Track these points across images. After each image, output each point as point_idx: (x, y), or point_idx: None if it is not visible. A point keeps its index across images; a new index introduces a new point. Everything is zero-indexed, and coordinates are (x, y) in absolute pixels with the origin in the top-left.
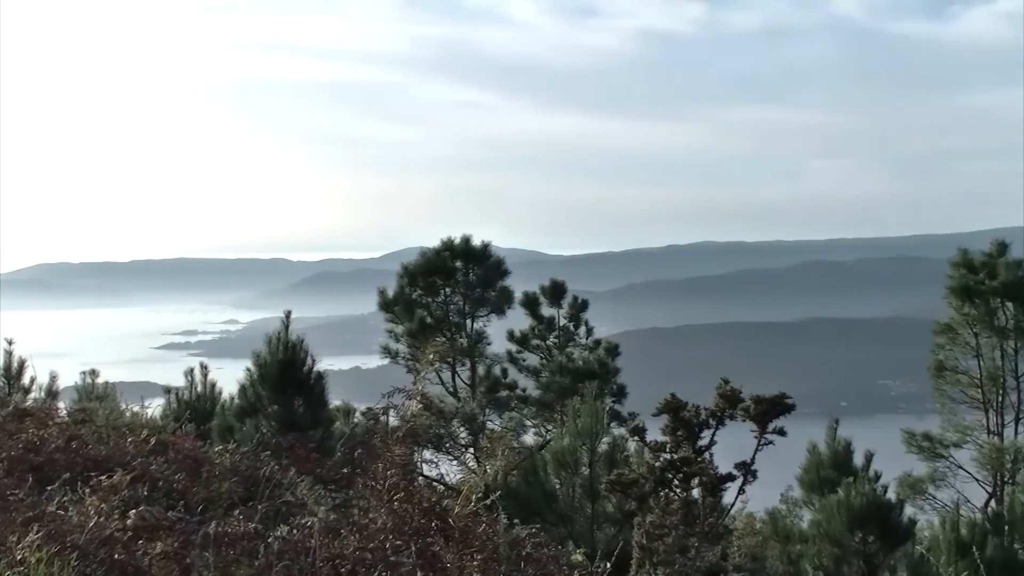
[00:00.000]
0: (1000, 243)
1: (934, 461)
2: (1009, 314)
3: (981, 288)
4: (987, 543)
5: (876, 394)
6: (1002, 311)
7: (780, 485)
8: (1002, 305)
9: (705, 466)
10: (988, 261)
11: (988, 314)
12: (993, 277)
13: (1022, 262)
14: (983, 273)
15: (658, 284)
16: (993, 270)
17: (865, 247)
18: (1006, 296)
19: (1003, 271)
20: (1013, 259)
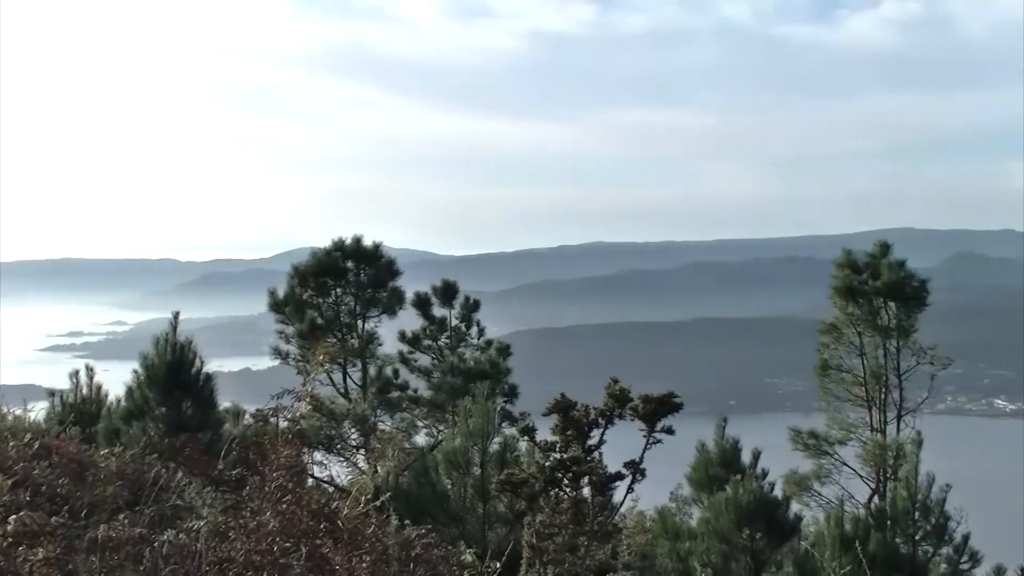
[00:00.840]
0: (883, 244)
1: (819, 458)
2: (891, 313)
3: (865, 288)
4: (870, 538)
5: (763, 392)
6: (885, 311)
7: (670, 483)
8: (885, 305)
9: (594, 465)
10: (871, 262)
11: (871, 313)
12: (876, 277)
13: (904, 262)
14: (866, 273)
15: (549, 284)
16: (876, 270)
17: (753, 247)
18: (888, 296)
19: (886, 271)
20: (895, 260)
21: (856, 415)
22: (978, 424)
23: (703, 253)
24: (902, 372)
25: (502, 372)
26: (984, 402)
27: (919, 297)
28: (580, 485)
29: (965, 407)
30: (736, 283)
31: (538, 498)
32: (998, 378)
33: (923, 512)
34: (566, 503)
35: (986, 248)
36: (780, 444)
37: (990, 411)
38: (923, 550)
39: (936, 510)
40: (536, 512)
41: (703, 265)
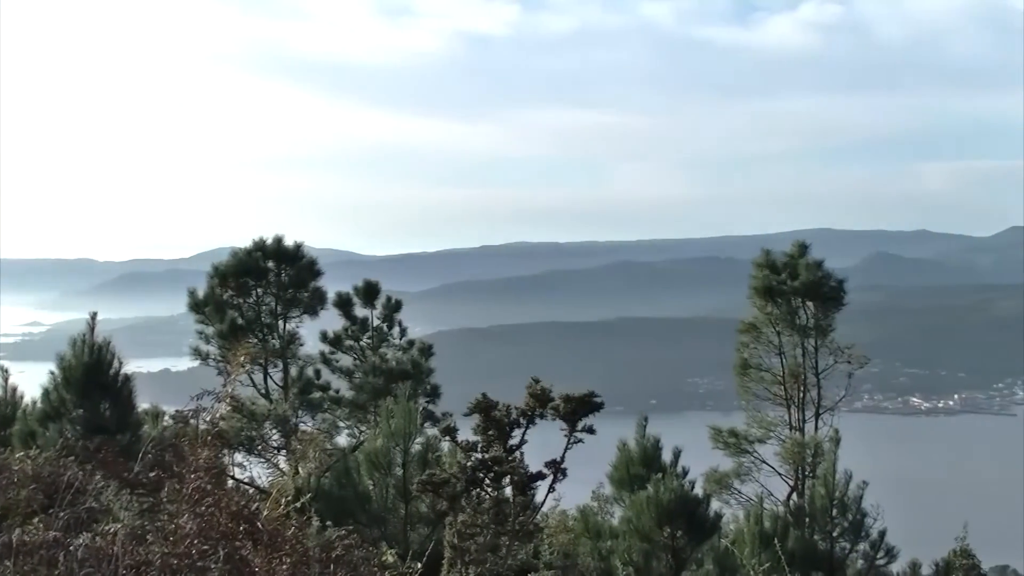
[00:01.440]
0: (800, 244)
1: (739, 456)
2: (809, 313)
3: (783, 288)
4: (789, 535)
5: (685, 392)
6: (803, 310)
7: (592, 482)
8: (803, 304)
9: (516, 465)
10: (790, 262)
11: (790, 313)
12: (794, 277)
13: (821, 263)
14: (785, 273)
15: (472, 284)
16: (794, 270)
17: (674, 248)
18: (806, 296)
19: (803, 271)
20: (813, 260)
21: (775, 413)
22: (894, 422)
23: (625, 253)
24: (820, 371)
25: (424, 372)
26: (900, 400)
27: (836, 297)
28: (502, 485)
29: (882, 405)
30: (657, 283)
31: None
32: (914, 376)
33: (840, 509)
34: (488, 503)
35: (901, 248)
36: (701, 443)
37: (906, 409)
38: (840, 546)
39: (853, 507)
40: (458, 512)
41: (625, 265)
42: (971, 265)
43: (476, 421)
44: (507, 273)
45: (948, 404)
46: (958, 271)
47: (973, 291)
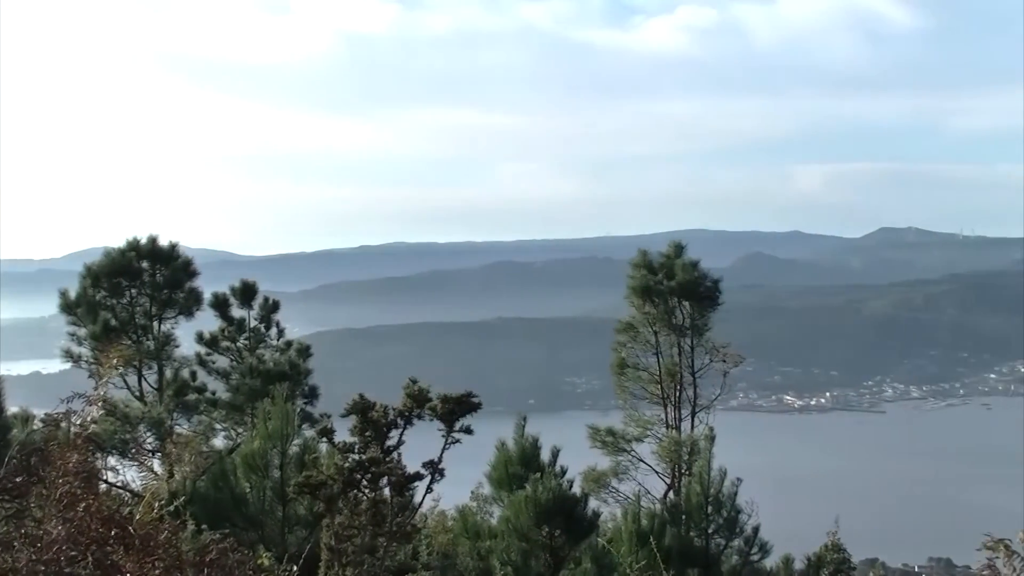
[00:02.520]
0: (677, 244)
1: (617, 455)
2: (685, 312)
3: (660, 288)
4: (665, 532)
5: (563, 391)
6: (679, 310)
7: (471, 482)
8: (679, 304)
9: (393, 466)
10: (666, 262)
11: (667, 313)
12: (671, 277)
13: (697, 263)
14: (662, 273)
15: (351, 285)
16: (671, 271)
17: (553, 248)
18: (683, 295)
19: (680, 272)
20: (689, 260)
21: (652, 412)
22: (768, 419)
23: (504, 253)
24: (696, 370)
25: (302, 373)
26: (774, 398)
27: (712, 296)
28: (379, 486)
29: (756, 403)
30: (536, 283)
31: (336, 500)
32: (787, 375)
33: (715, 506)
34: (365, 504)
35: (775, 249)
36: (579, 442)
37: (779, 407)
38: (716, 543)
39: (728, 504)
40: (335, 514)
41: (504, 265)
42: (842, 265)
43: (353, 422)
44: (386, 273)
45: (820, 402)
46: (830, 271)
47: (844, 291)
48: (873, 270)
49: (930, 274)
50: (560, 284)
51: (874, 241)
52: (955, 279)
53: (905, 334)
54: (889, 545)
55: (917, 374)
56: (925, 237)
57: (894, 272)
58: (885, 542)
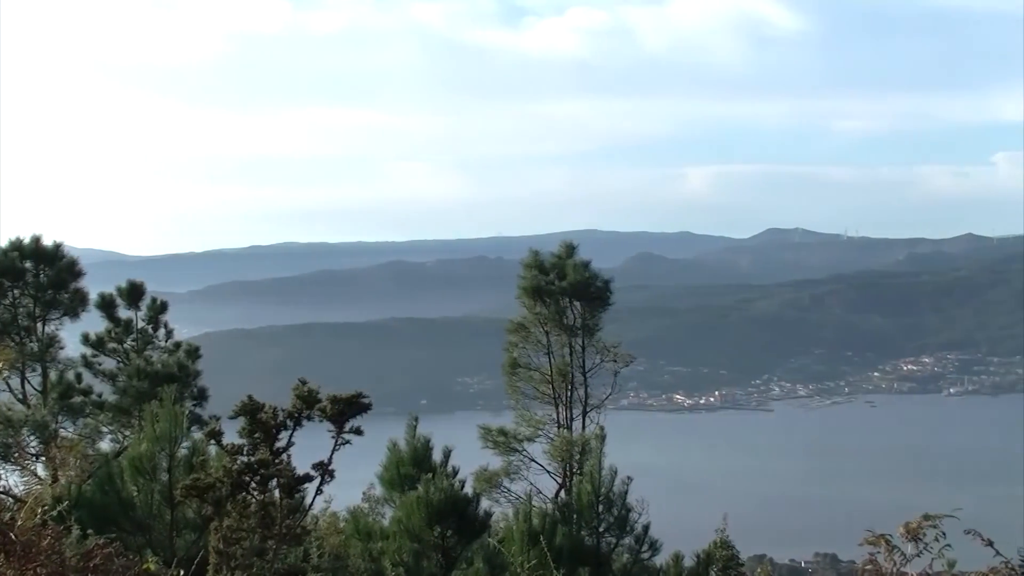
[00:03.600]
0: (568, 245)
1: (509, 455)
2: (577, 313)
3: (551, 288)
4: (557, 532)
5: (455, 392)
6: (570, 310)
7: (363, 484)
8: (570, 304)
9: (283, 467)
10: (557, 262)
11: (558, 313)
12: (562, 278)
13: (588, 263)
14: (553, 274)
15: (240, 285)
16: (562, 271)
17: (445, 248)
18: (574, 296)
19: (571, 272)
20: (580, 260)
21: (544, 412)
22: (658, 418)
23: (396, 253)
24: (587, 369)
25: (191, 375)
26: (664, 397)
27: (603, 297)
28: (268, 488)
29: (647, 402)
30: (428, 284)
31: (225, 502)
32: (677, 374)
33: (606, 505)
34: (254, 507)
35: (665, 249)
36: (471, 442)
37: (669, 406)
38: (607, 541)
39: (618, 502)
40: (223, 517)
41: (396, 265)
42: (731, 266)
43: (242, 424)
44: (277, 274)
45: (709, 400)
46: (719, 271)
47: (733, 291)
48: (761, 270)
49: (816, 274)
50: (452, 285)
51: (761, 242)
52: (840, 279)
53: (792, 333)
54: (777, 541)
55: (803, 373)
56: (811, 238)
57: (781, 272)
58: (773, 539)
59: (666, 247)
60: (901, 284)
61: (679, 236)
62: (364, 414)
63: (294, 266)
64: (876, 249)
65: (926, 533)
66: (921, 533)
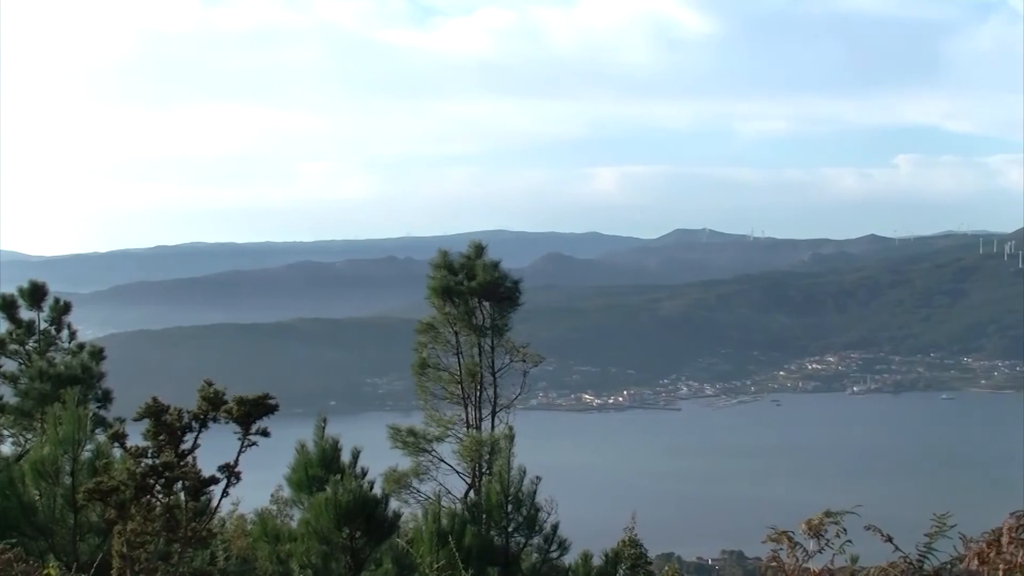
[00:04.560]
0: (477, 245)
1: (418, 455)
2: (486, 313)
3: (460, 288)
4: (466, 532)
5: (364, 392)
6: (480, 310)
7: (272, 485)
8: (480, 304)
9: (188, 470)
10: (466, 263)
11: (467, 313)
12: (471, 278)
13: (498, 263)
14: (462, 274)
15: (146, 285)
16: (472, 271)
17: (354, 249)
18: (483, 296)
19: (480, 272)
20: (489, 260)
21: (453, 412)
22: (568, 418)
23: (304, 254)
24: (497, 370)
25: (95, 377)
26: (573, 397)
27: (512, 297)
28: (173, 491)
29: (556, 402)
30: (337, 284)
31: (129, 506)
32: (586, 374)
33: (515, 504)
34: (159, 510)
35: (574, 250)
36: (380, 443)
37: (578, 406)
38: (516, 541)
39: (527, 502)
40: (127, 520)
41: (305, 266)
42: (639, 266)
43: (147, 426)
44: (183, 274)
45: (618, 400)
46: (627, 272)
47: (641, 291)
48: (668, 270)
49: (723, 274)
50: (361, 285)
51: (669, 242)
52: (746, 279)
53: (699, 333)
54: (684, 540)
55: (710, 372)
56: (718, 238)
57: (688, 272)
58: (680, 537)
59: (575, 247)
60: (806, 284)
61: (588, 236)
62: (271, 415)
63: (201, 266)
64: (781, 250)
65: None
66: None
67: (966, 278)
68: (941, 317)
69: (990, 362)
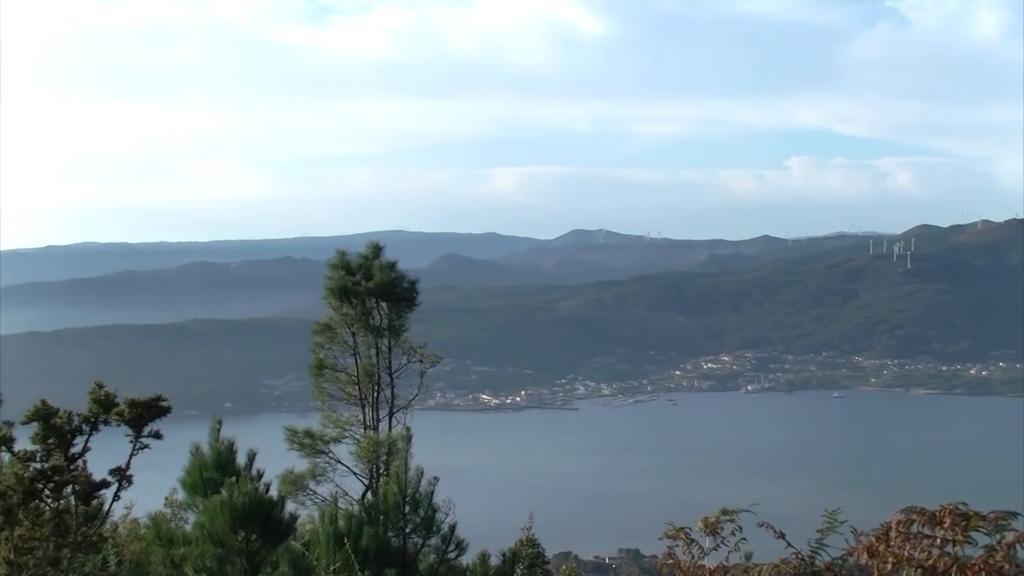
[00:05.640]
0: (375, 245)
1: (315, 457)
2: (383, 313)
3: (358, 289)
4: (363, 533)
5: (261, 394)
6: (377, 311)
7: (167, 489)
8: (377, 305)
9: (78, 474)
10: (364, 263)
11: (364, 314)
12: (369, 278)
13: (395, 264)
14: (360, 274)
15: (37, 286)
16: (369, 272)
17: (250, 249)
18: (380, 296)
19: (378, 273)
20: (387, 261)
21: (350, 413)
22: (465, 418)
23: (199, 254)
24: (394, 370)
25: None
26: (471, 397)
27: (410, 297)
28: (63, 495)
29: (454, 402)
30: (233, 284)
31: (16, 511)
32: (483, 374)
33: (412, 505)
34: (48, 514)
35: (472, 250)
36: (277, 444)
37: (476, 406)
38: (413, 542)
39: (425, 503)
40: (14, 526)
41: (200, 266)
42: (536, 267)
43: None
44: (75, 274)
45: (515, 400)
46: (525, 272)
47: (538, 292)
48: (566, 271)
49: (620, 275)
50: (258, 285)
51: (567, 243)
52: (643, 280)
53: (596, 333)
54: (582, 538)
55: (607, 372)
56: (615, 239)
57: (586, 273)
58: (578, 536)
59: (473, 248)
60: (701, 284)
61: (486, 237)
62: (164, 417)
63: (94, 267)
64: (678, 250)
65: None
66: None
67: (857, 278)
68: (833, 317)
69: (880, 361)
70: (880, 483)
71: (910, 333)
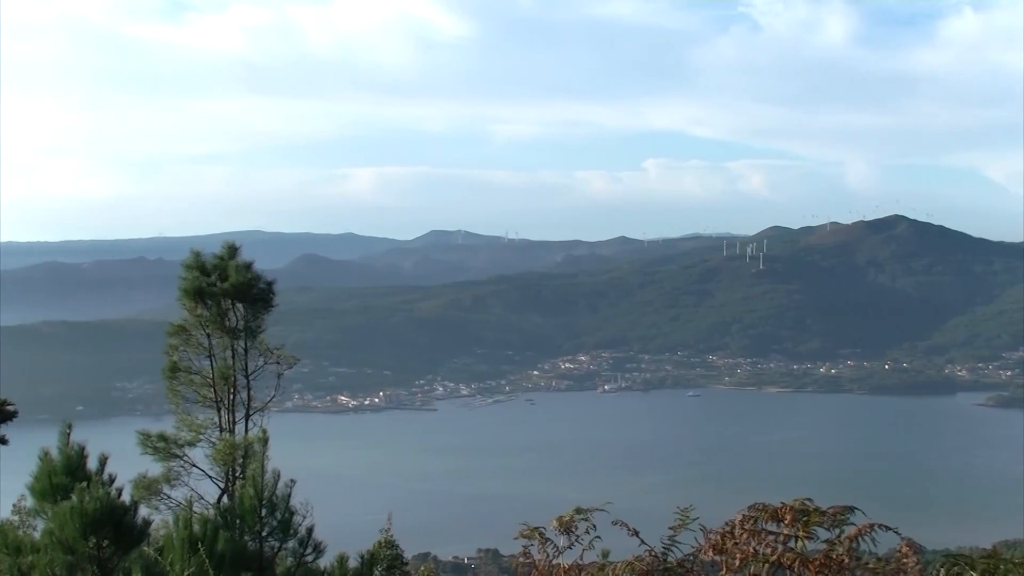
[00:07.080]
0: (230, 246)
1: (169, 461)
2: (239, 315)
3: (213, 290)
4: (218, 538)
5: (113, 397)
6: (233, 312)
7: (14, 495)
8: (233, 306)
9: None
10: (219, 263)
11: (220, 315)
12: (224, 279)
13: (251, 264)
14: (215, 275)
15: None
16: (224, 272)
17: (101, 249)
18: (236, 297)
19: (233, 273)
20: (243, 261)
21: (206, 416)
22: (323, 420)
23: (48, 254)
24: (250, 372)
25: None
26: (329, 399)
27: (266, 298)
28: None
29: (311, 404)
30: (84, 286)
31: None
32: (341, 375)
33: (269, 508)
34: None
35: (329, 251)
36: (130, 449)
37: (335, 407)
38: (270, 545)
39: (281, 505)
40: None
41: (48, 267)
42: (395, 267)
43: None
44: None
45: (374, 401)
46: (383, 273)
47: (396, 292)
48: (424, 271)
49: (478, 275)
50: (110, 287)
51: (425, 243)
52: (501, 280)
53: (454, 334)
54: (441, 539)
55: (466, 372)
56: (473, 240)
57: (444, 273)
58: (437, 536)
59: (330, 248)
60: (559, 285)
61: (344, 237)
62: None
63: None
64: (536, 251)
65: (578, 526)
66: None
67: (711, 279)
68: (688, 317)
69: (733, 360)
70: (733, 479)
71: (762, 333)
